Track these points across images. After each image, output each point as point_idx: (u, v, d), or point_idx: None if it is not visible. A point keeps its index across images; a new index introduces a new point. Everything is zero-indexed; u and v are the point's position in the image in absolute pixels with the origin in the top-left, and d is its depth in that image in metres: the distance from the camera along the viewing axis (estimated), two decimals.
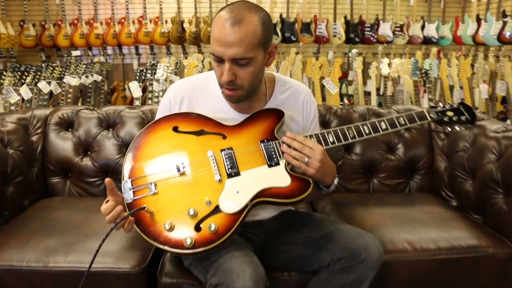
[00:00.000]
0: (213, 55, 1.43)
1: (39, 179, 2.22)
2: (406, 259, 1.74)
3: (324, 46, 5.64)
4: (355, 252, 1.45)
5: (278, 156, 1.49)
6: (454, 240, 1.79)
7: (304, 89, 1.72)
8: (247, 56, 1.40)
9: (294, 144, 1.47)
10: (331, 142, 1.52)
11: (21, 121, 2.25)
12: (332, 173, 1.52)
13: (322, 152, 1.45)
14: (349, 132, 1.54)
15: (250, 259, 1.40)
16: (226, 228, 1.36)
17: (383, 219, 1.93)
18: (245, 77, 1.45)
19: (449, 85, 4.39)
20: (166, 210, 1.39)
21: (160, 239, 1.35)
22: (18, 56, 5.48)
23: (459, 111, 1.68)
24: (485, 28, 5.20)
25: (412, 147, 2.39)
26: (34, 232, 1.77)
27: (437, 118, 1.64)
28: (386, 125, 1.57)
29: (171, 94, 1.64)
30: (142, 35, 5.41)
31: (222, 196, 1.41)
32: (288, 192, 1.43)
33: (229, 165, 1.47)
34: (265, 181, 1.44)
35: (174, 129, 1.53)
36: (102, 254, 1.62)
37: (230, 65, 1.41)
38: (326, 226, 1.58)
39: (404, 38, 5.50)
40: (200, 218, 1.37)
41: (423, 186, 2.38)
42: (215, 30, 1.40)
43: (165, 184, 1.43)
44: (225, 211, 1.38)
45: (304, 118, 1.69)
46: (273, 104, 1.64)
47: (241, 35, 1.37)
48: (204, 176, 1.45)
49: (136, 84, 3.64)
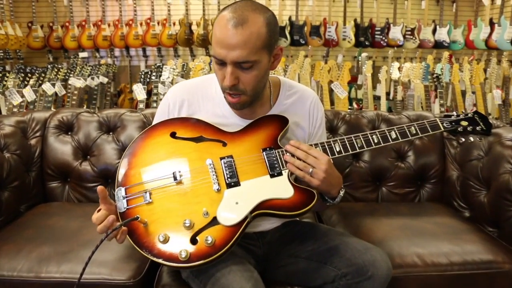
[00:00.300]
0: (214, 57, 1.35)
1: (37, 184, 2.16)
2: (416, 274, 1.65)
3: (333, 49, 5.57)
4: (362, 268, 1.37)
5: (281, 166, 1.41)
6: (467, 255, 1.70)
7: (311, 94, 1.64)
8: (251, 59, 1.32)
9: (298, 153, 1.39)
10: (337, 151, 1.44)
11: (20, 124, 2.19)
12: (338, 184, 1.43)
13: (327, 162, 1.37)
14: (357, 141, 1.46)
15: (249, 274, 1.32)
16: (224, 241, 1.28)
17: (392, 231, 1.85)
18: (249, 81, 1.37)
19: (461, 90, 4.29)
20: (161, 220, 1.32)
21: (154, 251, 1.27)
22: (25, 58, 5.47)
23: (474, 120, 1.57)
24: (498, 32, 5.10)
25: (423, 154, 2.30)
26: (27, 240, 1.70)
27: (450, 128, 1.54)
28: (396, 135, 1.48)
29: (171, 98, 1.57)
30: (150, 37, 5.38)
31: (221, 207, 1.33)
32: (290, 204, 1.35)
33: (229, 174, 1.39)
34: (266, 192, 1.36)
35: (172, 135, 1.46)
36: (97, 264, 1.58)
37: (232, 69, 1.33)
38: (331, 238, 1.50)
39: (415, 42, 5.42)
40: (197, 230, 1.30)
41: (434, 196, 2.29)
42: (216, 31, 1.32)
43: (160, 193, 1.36)
44: (223, 223, 1.31)
45: (311, 125, 1.61)
46: (278, 110, 1.56)
47: (245, 37, 1.29)
48: (202, 186, 1.37)
49: (140, 87, 3.57)
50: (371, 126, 2.33)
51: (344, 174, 2.25)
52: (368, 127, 2.32)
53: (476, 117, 1.58)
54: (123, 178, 1.39)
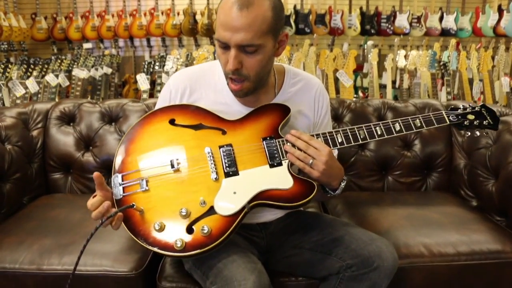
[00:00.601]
0: (218, 41, 1.31)
1: (39, 175, 2.14)
2: (422, 264, 1.62)
3: (338, 38, 5.51)
4: (368, 259, 1.34)
5: (281, 156, 1.37)
6: (475, 244, 1.67)
7: (316, 83, 1.60)
8: (255, 43, 1.28)
9: (299, 143, 1.35)
10: (339, 142, 1.40)
11: (21, 115, 2.17)
12: (339, 176, 1.40)
13: (328, 153, 1.33)
14: (360, 132, 1.42)
15: (253, 265, 1.30)
16: (220, 231, 1.26)
17: (398, 221, 1.82)
18: (252, 66, 1.33)
19: (468, 78, 4.23)
20: (157, 209, 1.30)
21: (149, 239, 1.26)
22: (30, 49, 5.45)
23: (481, 114, 1.52)
24: (507, 19, 5.01)
25: (429, 143, 2.26)
26: (29, 232, 1.69)
27: (456, 121, 1.50)
28: (400, 127, 1.44)
29: (172, 84, 1.54)
30: (154, 27, 5.34)
31: (218, 196, 1.31)
32: (289, 195, 1.32)
33: (227, 163, 1.36)
34: (265, 182, 1.33)
35: (171, 122, 1.43)
36: (99, 256, 1.57)
37: (236, 52, 1.29)
38: (336, 229, 1.47)
39: (422, 29, 5.34)
40: (193, 219, 1.28)
41: (441, 185, 2.25)
42: (221, 14, 1.29)
43: (157, 181, 1.34)
44: (220, 212, 1.28)
45: (316, 114, 1.57)
46: (283, 98, 1.52)
47: (249, 20, 1.26)
48: (200, 174, 1.35)
49: (143, 77, 3.55)
50: (376, 115, 2.30)
51: (349, 163, 2.22)
52: (373, 116, 2.29)
53: (483, 111, 1.52)
54: (120, 164, 1.37)
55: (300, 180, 1.34)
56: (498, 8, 5.13)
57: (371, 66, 4.21)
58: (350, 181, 2.23)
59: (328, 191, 1.43)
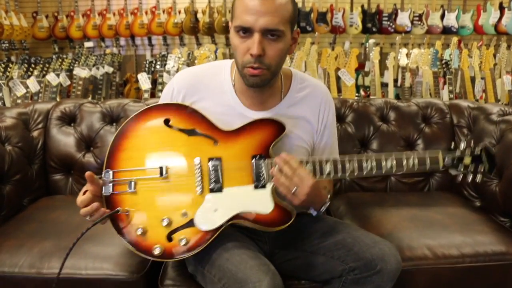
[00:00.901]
0: (239, 28, 1.31)
1: (40, 177, 2.13)
2: (426, 267, 1.61)
3: (340, 36, 5.49)
4: (370, 262, 1.33)
5: (267, 178, 1.38)
6: (479, 246, 1.66)
7: (323, 91, 1.58)
8: (280, 28, 1.30)
9: (285, 169, 1.33)
10: (327, 173, 1.38)
11: (21, 116, 2.16)
12: (320, 203, 1.42)
13: (311, 186, 1.32)
14: (349, 164, 1.38)
15: (266, 267, 1.30)
16: (197, 244, 1.35)
17: (402, 222, 1.80)
18: (274, 54, 1.33)
19: (470, 76, 4.21)
20: (142, 213, 1.37)
21: (131, 240, 1.35)
22: (31, 48, 5.44)
23: (479, 159, 1.43)
24: (508, 17, 4.99)
25: (432, 142, 2.25)
26: (29, 235, 1.68)
27: (451, 165, 1.43)
28: (391, 164, 1.39)
29: (176, 83, 1.52)
30: (155, 25, 5.32)
31: (199, 211, 1.36)
32: (267, 219, 1.36)
33: (213, 178, 1.38)
34: (246, 204, 1.37)
35: (166, 121, 1.42)
36: (100, 259, 1.56)
37: (260, 37, 1.29)
38: (338, 232, 1.46)
39: (423, 27, 5.32)
40: (173, 228, 1.35)
41: (444, 185, 2.24)
42: (244, 1, 1.30)
43: (145, 185, 1.38)
44: (199, 226, 1.35)
45: (320, 123, 1.55)
46: (289, 102, 1.50)
47: (275, 5, 1.28)
48: (186, 186, 1.38)
49: (145, 76, 3.54)
50: (379, 114, 2.28)
51: None
52: (376, 115, 2.28)
53: (483, 155, 1.44)
54: (112, 159, 1.40)
55: (279, 207, 1.37)
56: (499, 5, 5.11)
57: (373, 64, 4.19)
58: (352, 182, 2.22)
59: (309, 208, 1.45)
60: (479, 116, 2.22)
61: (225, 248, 1.37)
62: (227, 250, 1.36)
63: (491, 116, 2.16)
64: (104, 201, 1.37)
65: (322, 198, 1.42)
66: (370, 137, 2.25)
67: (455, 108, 2.33)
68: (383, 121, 2.28)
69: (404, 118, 2.29)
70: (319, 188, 1.38)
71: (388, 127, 2.26)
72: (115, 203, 1.38)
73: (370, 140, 2.25)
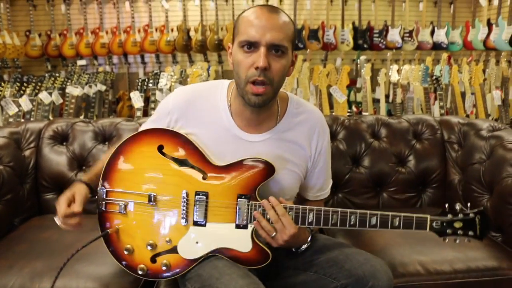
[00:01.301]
0: (244, 43, 1.34)
1: (31, 196, 2.12)
2: (419, 283, 1.61)
3: (332, 53, 5.55)
4: (362, 279, 1.33)
5: (248, 220, 1.40)
6: (471, 262, 1.67)
7: (319, 118, 1.58)
8: (284, 44, 1.34)
9: (271, 214, 1.36)
10: (309, 222, 1.39)
11: (13, 135, 2.15)
12: (299, 244, 1.46)
13: (291, 235, 1.36)
14: (332, 217, 1.38)
15: (256, 287, 1.30)
16: (178, 269, 1.42)
17: (394, 239, 1.81)
18: (278, 69, 1.35)
19: (460, 92, 4.25)
20: (130, 233, 1.44)
21: (119, 257, 1.45)
22: (23, 66, 5.46)
23: (472, 223, 1.39)
24: (496, 33, 5.08)
25: (424, 158, 2.26)
26: (20, 255, 1.67)
27: (438, 229, 1.40)
28: (376, 222, 1.39)
29: (173, 102, 1.52)
30: (148, 43, 5.37)
31: (182, 240, 1.42)
32: (245, 258, 1.40)
33: (198, 213, 1.41)
34: (226, 241, 1.41)
35: (159, 148, 1.44)
36: (92, 279, 1.55)
37: (266, 51, 1.32)
38: (330, 249, 1.46)
39: (413, 44, 5.40)
40: (157, 252, 1.42)
41: (436, 201, 2.25)
42: (250, 17, 1.35)
43: (134, 209, 1.45)
44: (181, 254, 1.41)
45: (314, 150, 1.55)
46: (284, 127, 1.50)
47: (281, 23, 1.35)
48: (171, 216, 1.44)
49: (137, 94, 3.55)
50: (370, 131, 2.30)
51: (344, 180, 2.21)
52: (367, 132, 2.29)
53: (477, 220, 1.39)
54: (107, 177, 1.47)
55: (258, 248, 1.40)
56: (487, 22, 5.19)
57: (365, 80, 4.23)
58: (344, 198, 2.23)
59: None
60: (469, 132, 2.24)
61: (215, 267, 1.37)
62: (217, 269, 1.36)
63: (481, 132, 2.18)
64: (98, 215, 1.47)
65: (302, 241, 1.46)
66: (362, 153, 2.26)
67: (445, 124, 2.35)
68: (375, 138, 2.30)
69: (395, 134, 2.30)
70: (300, 234, 1.41)
71: (380, 144, 2.28)
72: (107, 220, 1.47)
73: (361, 156, 2.26)
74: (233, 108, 1.48)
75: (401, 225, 1.39)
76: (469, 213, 1.39)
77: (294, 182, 1.53)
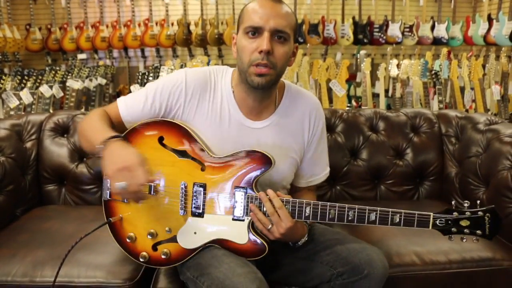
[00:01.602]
0: (249, 29, 1.38)
1: (33, 187, 2.14)
2: (414, 273, 1.64)
3: (332, 47, 5.56)
4: (358, 267, 1.36)
5: (244, 213, 1.41)
6: (466, 252, 1.69)
7: (315, 103, 1.61)
8: (287, 31, 1.39)
9: (267, 206, 1.37)
10: (305, 216, 1.39)
11: (15, 127, 2.17)
12: (296, 239, 1.47)
13: (288, 228, 1.36)
14: (330, 212, 1.38)
15: (254, 276, 1.32)
16: (178, 258, 1.47)
17: (390, 230, 1.82)
18: (280, 55, 1.39)
19: (460, 87, 4.27)
20: (132, 222, 1.49)
21: (122, 244, 1.50)
22: (24, 60, 5.46)
23: (481, 221, 1.35)
24: (497, 28, 5.08)
25: (421, 152, 2.29)
26: (22, 244, 1.69)
27: (443, 227, 1.37)
28: (375, 218, 1.38)
29: (187, 79, 1.50)
30: (148, 37, 5.37)
31: (181, 230, 1.45)
32: (241, 249, 1.43)
33: (195, 204, 1.45)
34: (223, 232, 1.44)
35: (160, 139, 1.47)
36: (93, 267, 1.57)
37: (269, 36, 1.36)
38: (328, 238, 1.49)
39: (414, 38, 5.40)
40: (158, 240, 1.47)
41: (433, 193, 2.27)
42: (254, 5, 1.40)
43: None
44: (180, 243, 1.45)
45: (310, 134, 1.59)
46: (282, 113, 1.54)
47: (284, 11, 1.39)
48: (171, 206, 1.47)
49: (138, 88, 3.56)
50: (368, 124, 2.32)
51: (342, 172, 2.24)
52: (365, 125, 2.31)
53: (486, 217, 1.36)
54: None
55: (254, 240, 1.42)
56: (488, 17, 5.19)
57: (364, 75, 4.25)
58: (342, 191, 2.26)
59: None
60: (467, 126, 2.26)
61: (214, 256, 1.40)
62: (216, 258, 1.39)
63: (478, 126, 2.20)
64: (103, 204, 1.52)
65: (299, 236, 1.46)
66: (360, 146, 2.28)
67: (443, 117, 2.37)
68: (373, 131, 2.32)
69: (393, 128, 2.32)
70: (297, 228, 1.42)
71: (378, 137, 2.30)
72: (111, 208, 1.51)
73: (360, 149, 2.28)
74: (236, 94, 1.51)
75: (402, 222, 1.38)
76: (477, 211, 1.36)
77: (292, 169, 1.57)
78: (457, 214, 1.37)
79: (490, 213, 1.36)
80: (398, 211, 1.37)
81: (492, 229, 1.36)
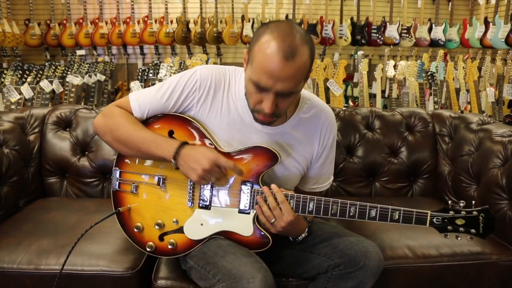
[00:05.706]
0: (257, 83, 1.31)
1: (36, 179, 2.19)
2: (406, 265, 1.70)
3: (330, 47, 5.60)
4: (354, 258, 1.42)
5: (250, 206, 1.46)
6: (457, 247, 1.75)
7: (328, 114, 1.60)
8: (294, 90, 1.34)
9: (270, 200, 1.41)
10: (309, 211, 1.43)
11: (18, 120, 2.22)
12: (297, 234, 1.52)
13: (289, 222, 1.41)
14: (332, 207, 1.42)
15: (259, 265, 1.37)
16: (184, 248, 1.52)
17: (384, 224, 1.85)
18: (284, 106, 1.38)
19: (455, 88, 4.33)
20: (140, 212, 1.54)
21: (130, 234, 1.56)
22: (23, 55, 5.47)
23: (475, 220, 1.41)
24: (493, 31, 5.14)
25: (415, 150, 2.34)
26: (27, 233, 1.74)
27: (439, 225, 1.43)
28: (375, 214, 1.42)
29: (199, 77, 1.49)
30: (147, 35, 5.39)
31: (188, 222, 1.51)
32: (246, 241, 1.48)
33: (203, 196, 1.50)
34: (229, 224, 1.49)
35: (170, 133, 1.51)
36: (95, 256, 1.62)
37: (274, 97, 1.32)
38: (325, 231, 1.55)
39: (411, 40, 5.45)
40: (165, 231, 1.52)
41: (426, 191, 2.33)
42: (263, 58, 1.28)
43: (145, 190, 1.55)
44: (187, 234, 1.51)
45: (320, 146, 1.58)
46: (294, 122, 1.53)
47: (294, 71, 1.28)
48: (179, 198, 1.52)
49: (137, 84, 3.60)
50: (364, 123, 2.37)
51: (338, 169, 2.29)
52: (362, 124, 2.36)
53: (480, 217, 1.41)
54: (121, 159, 1.57)
55: (259, 233, 1.47)
56: (485, 20, 5.25)
57: (361, 75, 4.30)
58: (338, 187, 2.31)
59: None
60: (460, 125, 2.32)
61: (220, 246, 1.45)
62: (221, 248, 1.44)
63: (471, 125, 2.26)
64: (112, 195, 1.57)
65: (300, 230, 1.51)
66: (356, 144, 2.33)
67: (437, 117, 2.43)
68: (369, 129, 2.37)
69: (388, 126, 2.38)
70: (298, 222, 1.47)
71: (373, 135, 2.35)
72: (120, 198, 1.57)
73: (355, 147, 2.33)
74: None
75: (401, 219, 1.42)
76: (472, 210, 1.42)
77: (297, 173, 1.58)
78: (453, 213, 1.43)
79: (484, 213, 1.42)
80: (397, 209, 1.43)
81: (486, 228, 1.42)
